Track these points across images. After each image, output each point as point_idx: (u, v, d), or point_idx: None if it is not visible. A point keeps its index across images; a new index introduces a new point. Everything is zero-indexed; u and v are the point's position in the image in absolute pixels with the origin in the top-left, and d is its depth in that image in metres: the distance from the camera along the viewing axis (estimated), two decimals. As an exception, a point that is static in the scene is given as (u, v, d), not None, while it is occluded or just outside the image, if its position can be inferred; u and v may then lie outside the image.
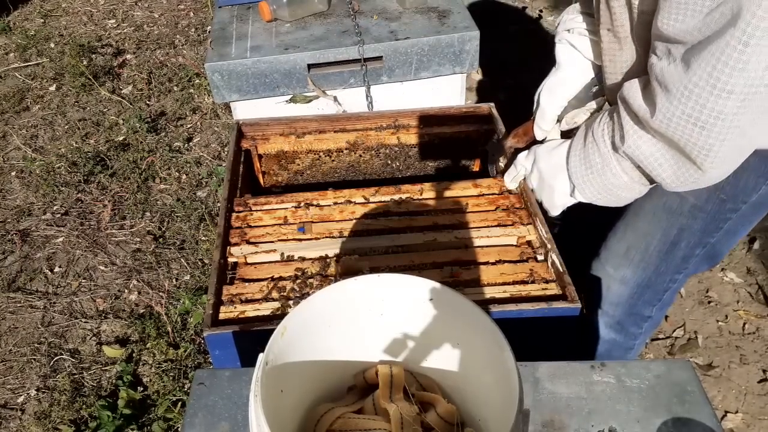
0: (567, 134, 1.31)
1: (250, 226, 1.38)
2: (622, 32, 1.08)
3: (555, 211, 1.28)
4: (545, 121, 1.32)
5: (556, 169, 1.21)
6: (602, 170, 1.11)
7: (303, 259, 1.29)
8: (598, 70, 1.26)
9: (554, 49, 1.30)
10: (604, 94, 1.27)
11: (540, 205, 1.31)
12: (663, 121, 0.94)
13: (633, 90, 1.02)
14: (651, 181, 1.09)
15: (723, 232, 1.25)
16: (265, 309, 1.17)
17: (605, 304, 1.47)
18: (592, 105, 1.26)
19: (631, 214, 1.34)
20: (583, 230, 1.57)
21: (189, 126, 3.07)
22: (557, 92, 1.30)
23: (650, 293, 1.40)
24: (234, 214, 1.41)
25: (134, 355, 2.03)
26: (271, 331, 0.77)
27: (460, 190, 1.46)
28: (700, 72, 0.87)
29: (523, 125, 1.42)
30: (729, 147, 0.92)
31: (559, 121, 1.32)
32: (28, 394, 1.95)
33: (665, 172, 1.02)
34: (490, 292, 1.20)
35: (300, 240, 1.34)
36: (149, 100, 3.25)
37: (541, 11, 3.85)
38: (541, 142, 1.35)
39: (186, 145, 2.95)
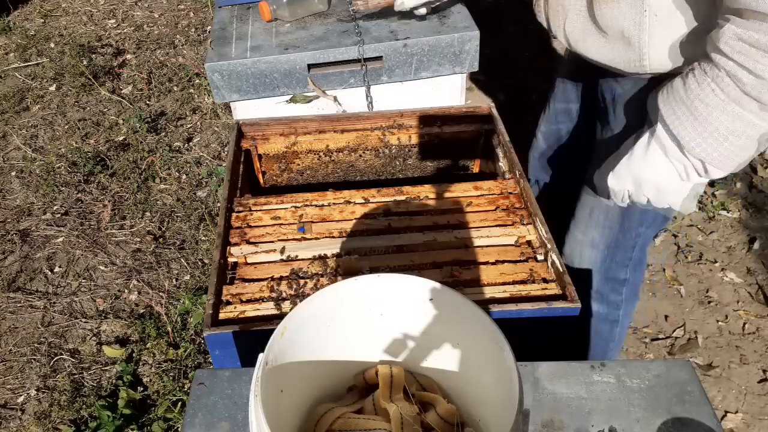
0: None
1: (250, 226, 1.38)
2: None
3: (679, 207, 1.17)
4: None
5: (661, 168, 1.09)
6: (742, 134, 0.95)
7: (303, 259, 1.29)
8: None
9: None
10: None
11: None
12: None
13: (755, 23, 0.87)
14: None
15: None
16: (265, 309, 1.17)
17: (582, 274, 1.49)
18: None
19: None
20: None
21: (189, 126, 3.07)
22: None
23: (621, 253, 1.43)
24: (234, 214, 1.41)
25: (134, 355, 2.03)
26: (271, 331, 0.77)
27: (460, 192, 1.46)
28: None
29: None
30: None
31: None
32: (28, 394, 1.95)
33: None
34: (490, 292, 1.20)
35: (300, 240, 1.34)
36: (149, 100, 3.25)
37: (541, 11, 3.84)
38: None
39: (186, 145, 2.95)
